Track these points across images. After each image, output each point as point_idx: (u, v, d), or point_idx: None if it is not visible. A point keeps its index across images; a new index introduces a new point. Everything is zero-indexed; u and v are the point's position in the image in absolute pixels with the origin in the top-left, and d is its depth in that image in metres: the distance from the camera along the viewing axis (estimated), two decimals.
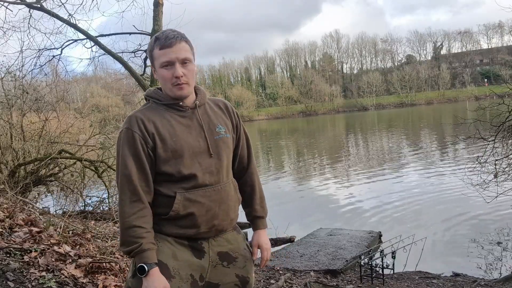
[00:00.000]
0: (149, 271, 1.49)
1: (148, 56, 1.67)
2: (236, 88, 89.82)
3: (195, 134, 1.62)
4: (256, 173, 1.85)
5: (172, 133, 1.59)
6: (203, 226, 1.60)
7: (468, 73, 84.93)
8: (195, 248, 1.62)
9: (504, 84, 6.55)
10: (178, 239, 1.60)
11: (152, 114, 1.61)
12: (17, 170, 6.80)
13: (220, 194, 1.63)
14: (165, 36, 1.56)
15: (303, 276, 4.63)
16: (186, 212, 1.57)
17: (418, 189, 10.04)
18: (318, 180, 12.88)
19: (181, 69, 1.56)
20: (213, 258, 1.64)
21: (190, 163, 1.58)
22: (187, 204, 1.57)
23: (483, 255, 5.80)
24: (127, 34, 7.64)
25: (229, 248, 1.69)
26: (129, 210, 1.52)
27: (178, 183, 1.58)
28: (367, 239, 6.12)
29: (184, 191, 1.57)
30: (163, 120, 1.60)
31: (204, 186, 1.60)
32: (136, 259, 1.52)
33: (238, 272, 1.69)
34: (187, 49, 1.59)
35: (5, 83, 7.95)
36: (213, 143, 1.63)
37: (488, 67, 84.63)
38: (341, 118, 61.40)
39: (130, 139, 1.56)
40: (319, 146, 24.77)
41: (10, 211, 3.98)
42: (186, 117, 1.63)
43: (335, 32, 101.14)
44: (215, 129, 1.66)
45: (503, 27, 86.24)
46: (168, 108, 1.63)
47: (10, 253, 3.01)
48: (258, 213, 1.83)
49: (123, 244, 1.53)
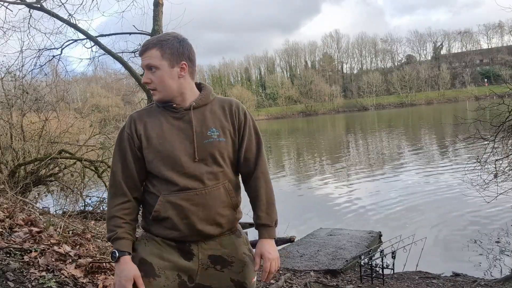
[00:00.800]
0: (119, 257, 1.55)
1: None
2: (236, 88, 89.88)
3: (183, 137, 1.60)
4: (264, 178, 1.73)
5: (160, 135, 1.60)
6: (184, 230, 1.59)
7: (468, 73, 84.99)
8: (183, 250, 1.62)
9: (504, 84, 6.55)
10: (166, 240, 1.62)
11: (148, 115, 1.65)
12: (17, 170, 6.80)
13: (204, 198, 1.58)
14: (144, 44, 1.63)
15: (303, 276, 4.63)
16: (166, 215, 1.58)
17: (418, 189, 10.03)
18: (318, 180, 12.88)
19: (147, 75, 1.61)
20: (204, 261, 1.62)
21: (172, 165, 1.58)
22: (167, 206, 1.57)
23: (483, 255, 5.81)
24: (127, 34, 7.64)
25: (223, 252, 1.65)
26: (112, 203, 1.62)
27: (164, 185, 1.59)
28: (367, 239, 6.12)
29: (168, 193, 1.58)
30: (155, 121, 1.62)
31: (187, 190, 1.57)
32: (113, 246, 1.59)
33: (234, 277, 1.65)
34: (155, 56, 1.59)
35: (5, 83, 7.94)
36: (200, 147, 1.60)
37: (488, 67, 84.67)
38: (341, 118, 61.42)
39: (121, 138, 1.66)
40: (319, 146, 24.77)
41: (10, 211, 3.98)
42: (180, 119, 1.63)
43: (335, 32, 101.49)
44: (207, 132, 1.62)
45: (503, 27, 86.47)
46: (164, 110, 1.64)
47: (10, 253, 3.01)
48: (261, 221, 1.71)
49: (107, 232, 1.64)
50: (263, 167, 1.74)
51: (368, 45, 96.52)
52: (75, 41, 7.86)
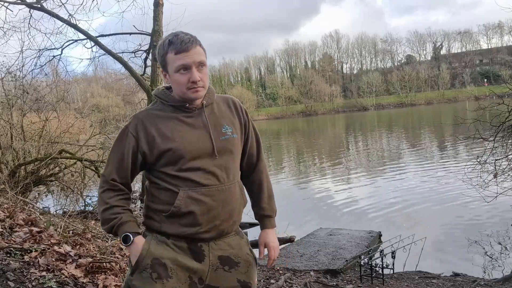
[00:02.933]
0: (133, 239, 1.56)
1: (159, 60, 1.65)
2: (236, 88, 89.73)
3: (199, 135, 1.61)
4: (265, 172, 1.84)
5: (176, 134, 1.59)
6: (203, 225, 1.59)
7: (468, 73, 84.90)
8: (195, 251, 1.61)
9: (503, 84, 6.55)
10: (177, 242, 1.60)
11: (158, 115, 1.62)
12: (17, 170, 6.81)
13: (224, 194, 1.62)
14: (180, 40, 1.55)
15: (303, 276, 4.63)
16: (187, 210, 1.57)
17: (418, 189, 10.04)
18: (318, 180, 12.89)
19: (197, 73, 1.57)
20: (214, 262, 1.63)
21: (192, 163, 1.58)
22: (188, 201, 1.57)
23: (483, 255, 5.81)
24: (127, 34, 7.68)
25: (231, 252, 1.67)
26: (107, 195, 1.61)
27: (181, 181, 1.58)
28: (367, 239, 6.13)
29: (188, 188, 1.58)
30: (167, 120, 1.61)
31: (208, 186, 1.59)
32: (119, 233, 1.58)
33: (240, 277, 1.67)
34: (202, 53, 1.60)
35: (5, 83, 7.96)
36: (219, 144, 1.63)
37: (488, 67, 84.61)
38: (341, 118, 61.40)
39: (121, 136, 1.63)
40: (319, 146, 24.77)
41: (10, 211, 3.98)
42: (193, 117, 1.63)
43: (335, 32, 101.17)
44: (221, 129, 1.65)
45: (503, 27, 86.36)
46: (174, 109, 1.63)
47: (10, 253, 3.01)
48: (266, 212, 1.82)
49: (104, 223, 1.60)
50: (264, 161, 1.85)
51: (368, 45, 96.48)
52: (75, 41, 7.89)
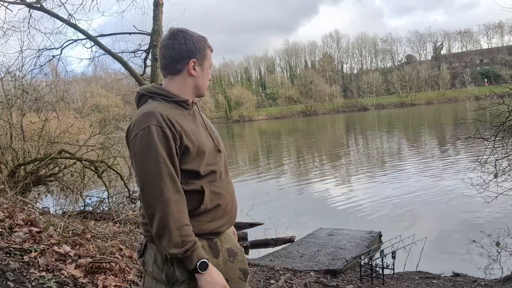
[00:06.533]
0: (209, 265, 1.51)
1: (197, 52, 1.64)
2: (236, 88, 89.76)
3: (204, 131, 1.66)
4: None
5: (194, 131, 1.60)
6: (224, 218, 1.66)
7: (468, 73, 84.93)
8: (213, 247, 1.63)
9: (504, 84, 6.55)
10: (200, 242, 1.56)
11: (171, 112, 1.57)
12: (17, 170, 6.80)
13: (230, 187, 1.71)
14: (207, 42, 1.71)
15: (303, 276, 4.63)
16: (213, 205, 1.61)
17: (418, 189, 10.03)
18: (318, 180, 12.88)
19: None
20: (225, 255, 1.66)
21: (211, 159, 1.64)
22: (213, 197, 1.61)
23: (483, 255, 5.80)
24: (127, 34, 7.64)
25: (232, 244, 1.71)
26: (175, 207, 1.46)
27: (202, 179, 1.60)
28: (367, 239, 6.12)
29: (208, 184, 1.61)
30: (182, 117, 1.59)
31: (220, 180, 1.66)
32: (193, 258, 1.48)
33: (240, 266, 1.71)
34: None
35: (5, 83, 7.95)
36: (216, 140, 1.69)
37: (488, 67, 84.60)
38: (341, 118, 61.39)
39: (162, 136, 1.49)
40: (319, 146, 24.76)
41: (10, 211, 3.98)
42: (191, 115, 1.66)
43: (335, 32, 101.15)
44: (212, 127, 1.73)
45: (503, 27, 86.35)
46: (177, 106, 1.62)
47: (10, 253, 3.01)
48: None
49: (176, 246, 1.45)
50: None
51: (368, 45, 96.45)
52: (75, 41, 7.87)
